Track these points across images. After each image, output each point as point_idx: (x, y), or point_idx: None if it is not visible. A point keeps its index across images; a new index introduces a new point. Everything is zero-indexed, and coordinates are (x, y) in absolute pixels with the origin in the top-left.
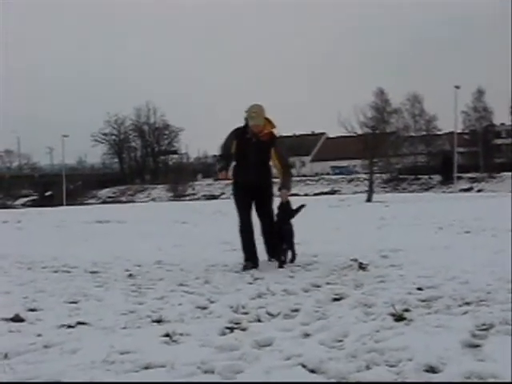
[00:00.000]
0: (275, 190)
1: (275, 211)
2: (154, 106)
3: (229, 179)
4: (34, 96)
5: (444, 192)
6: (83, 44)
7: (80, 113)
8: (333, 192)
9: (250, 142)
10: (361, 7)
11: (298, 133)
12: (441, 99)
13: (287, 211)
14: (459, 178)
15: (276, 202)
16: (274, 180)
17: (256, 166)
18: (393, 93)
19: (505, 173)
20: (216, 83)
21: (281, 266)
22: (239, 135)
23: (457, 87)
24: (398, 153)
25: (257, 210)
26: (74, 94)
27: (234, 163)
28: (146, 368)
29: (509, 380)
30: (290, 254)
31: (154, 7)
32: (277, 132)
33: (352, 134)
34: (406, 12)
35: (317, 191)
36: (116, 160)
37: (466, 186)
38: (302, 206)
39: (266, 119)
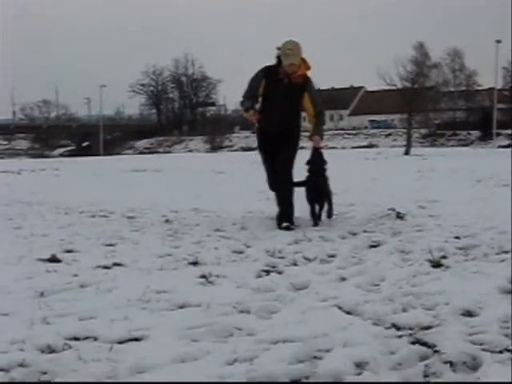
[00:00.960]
0: (304, 142)
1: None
2: (193, 58)
3: (257, 120)
4: (73, 46)
5: (483, 148)
6: None
7: (118, 63)
8: (370, 146)
9: (281, 83)
10: None
11: (336, 86)
12: (481, 54)
13: (320, 161)
14: (498, 134)
15: (303, 156)
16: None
17: (285, 110)
18: (433, 47)
19: None
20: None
21: (315, 225)
22: (269, 74)
23: (498, 41)
24: (437, 108)
25: (276, 156)
26: (112, 44)
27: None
28: (182, 307)
29: None
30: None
31: None
32: (311, 74)
33: (391, 88)
34: None
35: (354, 145)
36: (154, 111)
37: (505, 143)
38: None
39: (302, 59)
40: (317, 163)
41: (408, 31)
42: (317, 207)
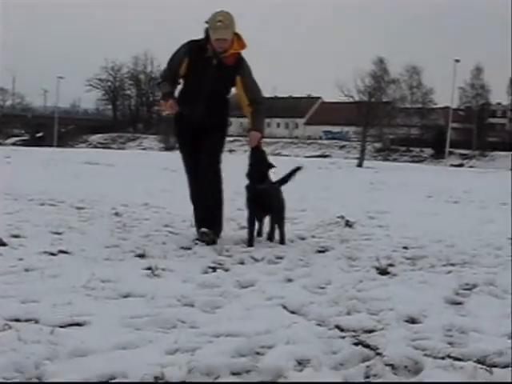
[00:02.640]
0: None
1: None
2: (152, 56)
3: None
4: (33, 34)
5: (435, 165)
6: None
7: (77, 57)
8: (324, 156)
9: (208, 63)
10: None
11: (293, 95)
12: (439, 73)
13: (260, 163)
14: (451, 153)
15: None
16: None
17: (211, 97)
18: (392, 63)
19: (497, 152)
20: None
21: (250, 245)
22: (194, 52)
23: (457, 61)
24: (392, 123)
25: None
26: (72, 36)
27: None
28: (126, 297)
29: (491, 333)
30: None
31: None
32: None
33: (347, 100)
34: None
35: (308, 154)
36: (110, 107)
37: (457, 162)
38: (298, 169)
39: (235, 35)
40: (256, 167)
41: (368, 46)
42: (257, 223)
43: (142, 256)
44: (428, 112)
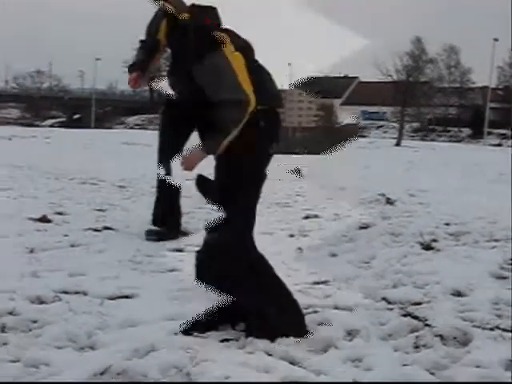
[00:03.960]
0: None
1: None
2: None
3: (138, 86)
4: (70, 18)
5: (473, 145)
6: None
7: (114, 38)
8: (362, 136)
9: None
10: None
11: (330, 75)
12: (477, 52)
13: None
14: (489, 133)
15: None
16: None
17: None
18: (429, 42)
19: None
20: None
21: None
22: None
23: (495, 40)
24: (430, 103)
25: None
26: (109, 17)
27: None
28: (172, 271)
29: None
30: None
31: None
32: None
33: (385, 80)
34: None
35: None
36: (146, 88)
37: (496, 142)
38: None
39: None
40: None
41: (406, 25)
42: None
43: (185, 234)
44: (466, 91)
